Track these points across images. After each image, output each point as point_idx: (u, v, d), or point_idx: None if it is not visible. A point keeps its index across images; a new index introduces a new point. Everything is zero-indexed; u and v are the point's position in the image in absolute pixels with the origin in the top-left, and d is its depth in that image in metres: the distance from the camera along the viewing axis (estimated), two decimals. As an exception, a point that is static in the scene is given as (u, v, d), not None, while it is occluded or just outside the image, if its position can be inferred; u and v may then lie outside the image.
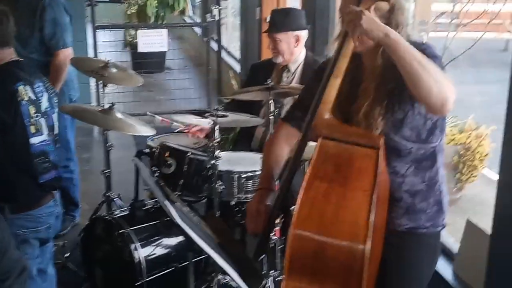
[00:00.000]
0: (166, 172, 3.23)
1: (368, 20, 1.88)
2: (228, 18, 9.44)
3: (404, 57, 1.85)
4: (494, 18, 8.70)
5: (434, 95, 1.84)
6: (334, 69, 1.98)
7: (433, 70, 1.85)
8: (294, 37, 3.67)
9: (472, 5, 7.86)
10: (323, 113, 1.97)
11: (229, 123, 3.34)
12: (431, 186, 2.18)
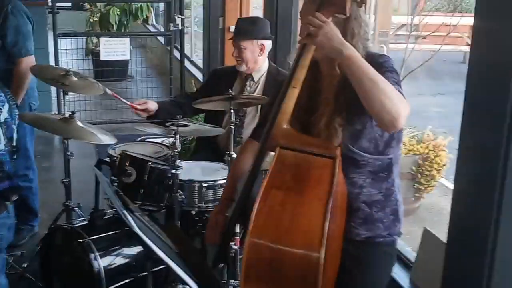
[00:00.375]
0: (127, 181, 3.22)
1: (325, 34, 1.90)
2: (191, 27, 9.44)
3: (357, 74, 1.89)
4: (452, 31, 8.90)
5: (386, 112, 1.87)
6: (292, 79, 2.00)
7: (386, 87, 1.88)
8: (258, 46, 3.71)
9: (430, 18, 8.05)
10: (281, 123, 2.00)
11: (190, 132, 3.35)
12: (388, 196, 2.21)
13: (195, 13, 9.61)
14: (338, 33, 1.92)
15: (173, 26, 6.43)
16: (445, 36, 8.80)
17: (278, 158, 1.94)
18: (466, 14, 11.78)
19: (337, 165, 1.92)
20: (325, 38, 1.90)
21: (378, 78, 1.88)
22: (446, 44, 10.25)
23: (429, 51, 7.97)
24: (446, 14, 9.11)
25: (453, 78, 9.84)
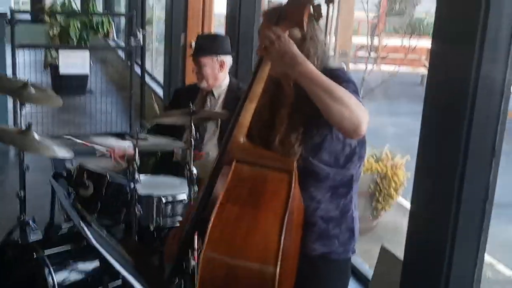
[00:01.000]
0: (84, 195, 3.17)
1: (278, 49, 1.91)
2: (152, 43, 9.42)
3: (312, 88, 1.90)
4: (409, 53, 9.08)
5: (347, 120, 1.89)
6: (249, 93, 2.01)
7: (343, 96, 1.90)
8: (218, 62, 3.71)
9: (389, 39, 8.19)
10: (238, 137, 2.00)
11: (149, 146, 3.32)
12: (345, 213, 2.22)
13: (156, 29, 9.60)
14: (292, 48, 1.92)
15: (134, 40, 6.39)
16: (403, 58, 9.00)
17: (234, 172, 1.93)
18: (423, 37, 12.07)
19: (293, 179, 1.93)
20: (278, 53, 1.92)
21: (334, 89, 1.90)
22: (404, 65, 10.49)
23: (388, 72, 8.13)
24: (405, 36, 9.29)
25: (411, 100, 10.02)
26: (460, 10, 2.33)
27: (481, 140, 2.37)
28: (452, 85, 2.39)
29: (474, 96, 2.28)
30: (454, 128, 2.37)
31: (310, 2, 1.94)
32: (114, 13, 11.12)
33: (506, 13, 2.24)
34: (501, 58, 2.28)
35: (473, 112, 2.31)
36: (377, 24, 9.94)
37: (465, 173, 2.38)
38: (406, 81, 11.34)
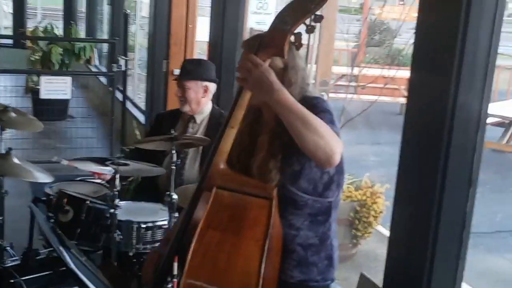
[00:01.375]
0: (63, 220, 3.15)
1: (255, 77, 1.93)
2: (134, 69, 9.43)
3: (288, 117, 1.93)
4: (389, 83, 9.20)
5: (320, 150, 1.91)
6: (230, 119, 2.03)
7: (318, 127, 1.92)
8: (203, 87, 3.74)
9: (369, 69, 8.31)
10: (219, 163, 2.01)
11: (130, 172, 3.32)
12: (324, 240, 2.23)
13: (138, 56, 9.62)
14: (271, 76, 1.94)
15: (116, 67, 6.41)
16: (383, 87, 9.12)
17: (215, 198, 1.95)
18: (403, 67, 12.23)
19: (273, 206, 1.94)
20: (256, 81, 1.94)
21: (310, 118, 1.92)
22: (384, 95, 10.63)
23: (368, 101, 8.22)
24: (384, 66, 9.43)
25: (390, 129, 10.11)
26: (438, 41, 2.39)
27: (458, 169, 2.41)
28: (429, 115, 2.44)
29: (451, 126, 2.33)
30: (432, 157, 2.42)
31: (291, 30, 1.97)
32: (96, 39, 11.13)
33: (482, 44, 2.30)
34: (478, 88, 2.34)
35: (451, 141, 2.35)
36: (357, 54, 10.09)
37: (443, 201, 2.42)
38: (386, 110, 11.46)
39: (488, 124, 2.47)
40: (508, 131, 8.90)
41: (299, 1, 1.97)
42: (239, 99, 2.04)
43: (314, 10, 1.95)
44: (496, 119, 8.30)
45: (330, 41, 7.40)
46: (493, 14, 2.30)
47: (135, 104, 8.30)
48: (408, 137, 2.58)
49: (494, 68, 2.37)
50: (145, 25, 9.47)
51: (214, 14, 4.90)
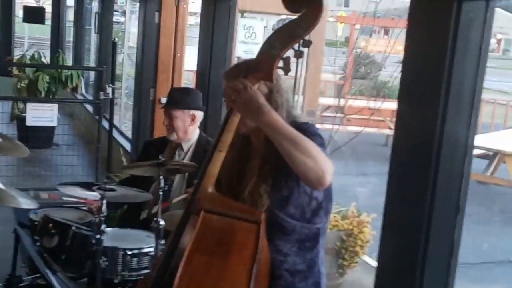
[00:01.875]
0: (48, 245, 3.12)
1: (243, 100, 1.95)
2: (121, 98, 9.43)
3: (278, 138, 1.94)
4: (374, 114, 9.28)
5: (311, 170, 1.92)
6: (219, 143, 2.03)
7: (308, 147, 1.94)
8: (190, 116, 3.74)
9: (355, 101, 8.39)
10: (207, 187, 2.01)
11: (117, 197, 3.29)
12: (311, 267, 2.22)
13: (125, 85, 9.64)
14: (260, 98, 1.96)
15: (103, 94, 6.39)
16: (368, 119, 9.20)
17: (202, 222, 1.94)
18: (388, 99, 12.36)
19: (261, 230, 1.94)
20: (245, 103, 1.95)
21: (300, 139, 1.94)
22: (369, 126, 10.71)
23: (354, 132, 8.28)
24: (370, 98, 9.52)
25: (376, 160, 10.18)
26: (425, 73, 2.41)
27: (446, 198, 2.42)
28: (417, 145, 2.46)
29: (439, 156, 2.35)
30: (420, 186, 2.43)
31: (279, 55, 1.99)
32: (84, 67, 11.13)
33: (468, 76, 2.32)
34: (464, 120, 2.36)
35: (438, 170, 2.36)
36: (343, 86, 10.19)
37: (430, 230, 2.42)
38: (372, 141, 11.55)
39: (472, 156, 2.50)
40: (492, 163, 8.97)
41: (288, 27, 1.99)
42: (227, 123, 2.04)
43: (302, 35, 1.97)
44: (480, 151, 8.38)
45: (317, 72, 7.45)
46: (479, 47, 2.33)
47: (121, 132, 8.29)
48: (395, 167, 2.59)
49: (480, 99, 2.39)
50: (132, 55, 9.52)
51: (202, 43, 4.93)
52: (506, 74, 28.42)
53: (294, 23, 1.97)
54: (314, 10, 1.95)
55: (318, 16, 1.95)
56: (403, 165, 2.55)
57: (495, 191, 9.05)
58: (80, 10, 11.64)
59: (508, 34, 43.55)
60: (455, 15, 2.26)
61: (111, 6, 9.34)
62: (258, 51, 2.06)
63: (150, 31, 6.39)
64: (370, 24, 10.18)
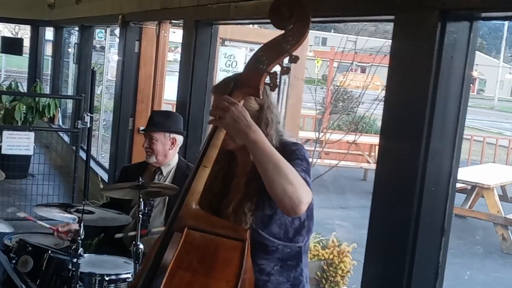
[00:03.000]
0: (23, 270, 3.02)
1: (231, 116, 1.91)
2: (98, 130, 9.37)
3: (261, 158, 1.91)
4: (352, 148, 9.31)
5: (287, 197, 1.89)
6: (204, 159, 1.99)
7: (290, 173, 1.91)
8: (170, 139, 3.70)
9: (332, 135, 8.43)
10: (191, 204, 1.96)
11: (95, 221, 3.21)
12: (296, 285, 2.19)
13: (103, 116, 9.58)
14: (246, 116, 1.93)
15: (81, 123, 6.33)
16: (346, 153, 9.25)
17: (185, 239, 1.89)
18: (365, 134, 12.47)
19: (246, 248, 1.89)
20: (231, 120, 1.92)
21: (282, 164, 1.91)
22: (348, 160, 10.76)
23: (332, 166, 8.31)
24: (348, 132, 9.59)
25: (355, 194, 10.21)
26: (407, 109, 2.39)
27: (430, 225, 2.40)
28: (397, 179, 2.44)
29: (422, 186, 2.32)
30: (403, 218, 2.40)
31: (267, 70, 1.97)
32: (62, 96, 11.05)
33: (451, 108, 2.32)
34: (447, 152, 2.35)
35: (421, 202, 2.34)
36: (321, 120, 10.24)
37: (414, 259, 2.39)
38: (351, 175, 11.60)
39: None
40: (470, 196, 9.03)
41: (275, 42, 1.98)
42: (213, 139, 2.00)
43: (290, 51, 1.95)
44: (459, 185, 8.42)
45: (296, 106, 7.47)
46: (463, 69, 2.34)
47: (98, 162, 8.21)
48: (378, 198, 2.56)
49: (463, 133, 2.39)
50: (111, 87, 9.50)
51: (183, 71, 4.91)
52: (481, 113, 29.00)
53: (282, 39, 1.96)
54: (301, 26, 1.94)
55: (305, 32, 1.95)
56: (386, 197, 2.53)
57: (473, 225, 9.09)
58: (59, 42, 11.63)
59: (483, 74, 44.37)
60: (439, 36, 2.26)
61: (91, 36, 9.33)
62: (244, 66, 2.04)
63: (130, 60, 6.38)
64: (348, 60, 10.31)
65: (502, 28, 43.61)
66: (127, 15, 6.35)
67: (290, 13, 1.93)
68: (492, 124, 25.08)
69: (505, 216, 8.36)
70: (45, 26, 12.34)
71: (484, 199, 8.82)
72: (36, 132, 7.58)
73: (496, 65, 44.08)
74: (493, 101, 41.07)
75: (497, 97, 41.43)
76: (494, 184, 8.88)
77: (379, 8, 2.60)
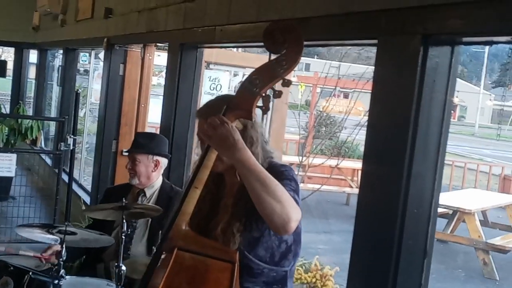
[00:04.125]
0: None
1: (219, 135, 1.94)
2: (82, 153, 9.32)
3: (249, 177, 1.93)
4: (335, 173, 9.36)
5: (277, 215, 1.90)
6: (195, 180, 2.00)
7: (278, 191, 1.92)
8: (153, 161, 3.70)
9: (315, 160, 8.46)
10: (181, 224, 1.98)
11: (77, 242, 3.19)
12: None
13: (86, 139, 9.54)
14: (236, 135, 1.96)
15: (64, 145, 6.30)
16: (328, 177, 9.28)
17: (175, 260, 1.90)
18: (349, 159, 12.53)
19: (236, 270, 1.91)
20: (219, 139, 1.94)
21: (270, 182, 1.92)
22: (331, 185, 10.79)
23: (316, 190, 8.34)
24: (330, 157, 9.64)
25: (338, 218, 10.22)
26: (390, 133, 2.41)
27: (412, 245, 2.41)
28: (380, 204, 2.45)
29: (405, 209, 2.34)
30: (385, 242, 2.41)
31: (260, 93, 1.99)
32: (45, 117, 11.00)
33: (433, 131, 2.35)
34: (429, 175, 2.37)
35: (404, 224, 2.35)
36: (304, 145, 10.29)
37: (396, 281, 2.40)
38: (334, 200, 11.63)
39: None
40: (452, 221, 9.07)
41: (269, 66, 2.01)
42: (205, 159, 2.02)
43: (283, 75, 1.98)
44: (440, 209, 8.47)
45: (280, 130, 7.51)
46: (444, 93, 2.37)
47: (80, 185, 8.16)
48: (361, 220, 2.57)
49: (444, 156, 2.42)
50: (94, 110, 9.47)
51: (167, 94, 4.92)
52: (462, 139, 29.26)
53: (275, 63, 2.00)
54: (294, 51, 1.98)
55: (299, 57, 2.00)
56: (369, 220, 2.54)
57: (455, 249, 9.12)
58: (43, 65, 11.61)
59: (464, 101, 44.89)
60: (422, 60, 2.30)
61: (75, 59, 9.34)
62: (238, 89, 2.08)
63: (115, 82, 6.38)
64: (331, 85, 10.40)
65: (482, 56, 44.25)
66: (113, 38, 6.37)
67: (284, 38, 1.98)
68: (473, 150, 25.30)
69: (486, 241, 8.40)
70: (29, 48, 12.33)
71: (466, 224, 8.87)
72: (18, 154, 7.53)
73: (477, 92, 44.66)
74: (474, 128, 41.50)
75: (478, 124, 41.87)
76: (475, 209, 8.95)
77: (362, 32, 2.63)
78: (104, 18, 6.61)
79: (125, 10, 6.02)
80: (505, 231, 9.77)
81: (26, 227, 3.37)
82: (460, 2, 2.11)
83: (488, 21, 2.03)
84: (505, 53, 20.88)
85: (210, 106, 2.24)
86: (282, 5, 3.18)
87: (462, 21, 2.11)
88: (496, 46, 15.25)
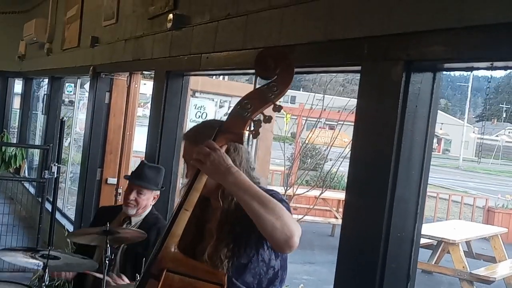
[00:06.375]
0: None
1: (212, 161, 1.94)
2: (65, 183, 9.26)
3: (244, 198, 1.93)
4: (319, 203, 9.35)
5: (278, 231, 1.90)
6: (185, 202, 2.00)
7: (276, 208, 1.92)
8: (155, 195, 3.71)
9: (300, 190, 8.48)
10: (170, 247, 1.96)
11: (60, 267, 3.16)
12: None
13: (70, 169, 9.49)
14: (227, 160, 1.96)
15: (48, 173, 6.26)
16: (312, 207, 9.28)
17: (164, 282, 1.89)
18: (334, 190, 12.54)
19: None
20: (213, 164, 1.94)
21: (267, 199, 1.92)
22: (316, 216, 10.78)
23: (300, 219, 8.32)
24: (315, 188, 9.65)
25: (323, 249, 10.19)
26: (372, 165, 2.43)
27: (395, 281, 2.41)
28: (362, 235, 2.46)
29: (387, 236, 2.35)
30: (369, 264, 2.41)
31: (251, 118, 2.01)
32: (30, 145, 10.94)
33: (416, 156, 2.37)
34: (412, 199, 2.39)
35: (387, 248, 2.36)
36: (289, 176, 10.29)
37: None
38: (318, 231, 11.60)
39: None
40: (436, 252, 9.07)
41: (260, 91, 2.03)
42: (195, 183, 2.02)
43: (274, 100, 2.00)
44: (424, 240, 8.48)
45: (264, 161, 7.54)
46: (425, 132, 2.40)
47: (64, 214, 8.10)
48: (344, 244, 2.58)
49: (427, 180, 2.44)
50: (79, 139, 9.45)
51: (153, 122, 4.92)
52: (447, 172, 29.44)
53: (267, 88, 2.01)
54: (285, 77, 2.01)
55: (289, 83, 2.02)
56: (353, 245, 2.54)
57: (439, 280, 9.12)
58: (28, 94, 11.60)
59: (448, 134, 45.32)
60: (404, 85, 2.33)
61: (61, 88, 9.35)
62: (229, 113, 2.09)
63: (100, 111, 6.39)
64: (316, 116, 10.46)
65: (466, 90, 44.85)
66: (98, 66, 6.39)
67: (276, 64, 2.01)
68: (458, 183, 25.42)
69: (470, 272, 8.40)
70: (14, 77, 12.32)
71: (450, 254, 8.87)
72: (1, 183, 7.47)
73: (460, 125, 45.10)
74: (458, 161, 41.83)
75: (462, 157, 42.21)
76: (460, 239, 8.96)
77: (346, 58, 2.67)
78: (91, 46, 6.64)
79: (112, 39, 6.06)
80: (489, 262, 9.79)
81: (9, 251, 3.34)
82: (441, 29, 2.15)
83: (469, 47, 2.07)
84: (488, 87, 21.12)
85: (199, 131, 2.25)
86: (267, 33, 3.22)
87: (444, 48, 2.16)
88: (478, 80, 15.04)
